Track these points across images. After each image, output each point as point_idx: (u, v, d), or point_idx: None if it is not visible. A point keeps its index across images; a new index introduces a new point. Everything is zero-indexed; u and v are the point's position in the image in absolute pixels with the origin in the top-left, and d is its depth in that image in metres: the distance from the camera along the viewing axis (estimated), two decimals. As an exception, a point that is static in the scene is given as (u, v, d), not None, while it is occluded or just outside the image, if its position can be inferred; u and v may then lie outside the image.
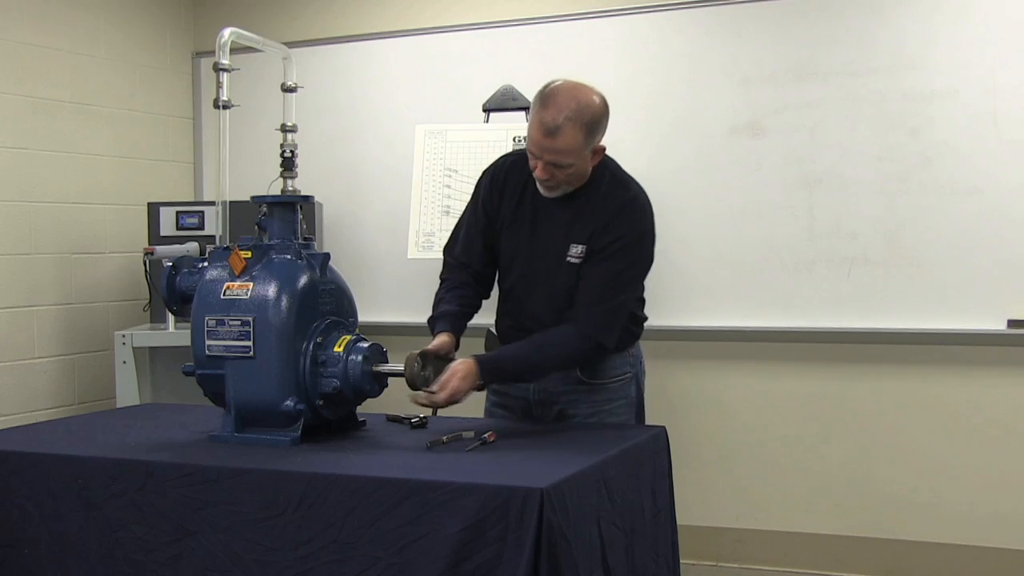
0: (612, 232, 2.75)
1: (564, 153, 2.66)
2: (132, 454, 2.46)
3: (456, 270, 2.95)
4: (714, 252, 4.37)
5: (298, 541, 2.19)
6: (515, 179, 2.87)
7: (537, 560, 2.01)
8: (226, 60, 3.53)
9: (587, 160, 2.73)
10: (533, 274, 2.85)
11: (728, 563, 4.43)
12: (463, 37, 4.77)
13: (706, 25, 4.41)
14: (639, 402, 2.99)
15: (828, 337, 4.25)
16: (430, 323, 2.85)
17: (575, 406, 2.89)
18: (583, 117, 2.65)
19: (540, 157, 2.69)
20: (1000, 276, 4.00)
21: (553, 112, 2.64)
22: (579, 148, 2.67)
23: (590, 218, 2.77)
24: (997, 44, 4.00)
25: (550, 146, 2.65)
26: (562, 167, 2.69)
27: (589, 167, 2.76)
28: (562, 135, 2.64)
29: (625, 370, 2.93)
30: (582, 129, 2.65)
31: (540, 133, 2.66)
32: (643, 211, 2.83)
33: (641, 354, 3.03)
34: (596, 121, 2.70)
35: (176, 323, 4.33)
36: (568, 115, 2.63)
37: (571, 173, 2.72)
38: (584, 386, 2.88)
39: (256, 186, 2.80)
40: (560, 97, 2.66)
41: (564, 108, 2.64)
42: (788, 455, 4.35)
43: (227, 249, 2.67)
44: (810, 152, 4.24)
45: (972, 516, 4.10)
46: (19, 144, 4.50)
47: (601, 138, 2.75)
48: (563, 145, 2.65)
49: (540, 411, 2.93)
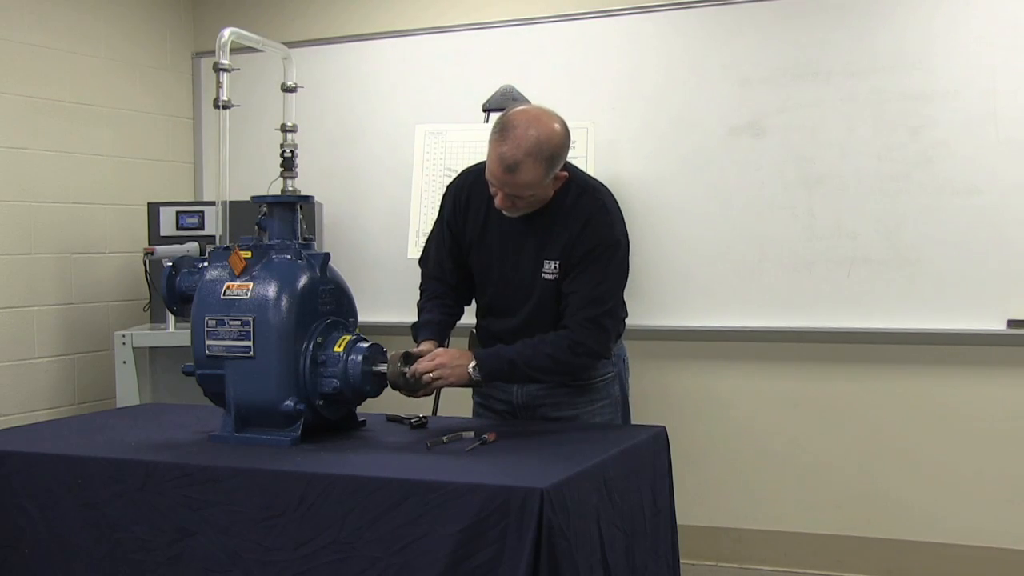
0: (584, 244, 2.70)
1: (524, 187, 2.61)
2: (132, 454, 2.46)
3: (431, 281, 2.95)
4: (714, 252, 4.37)
5: (298, 541, 2.19)
6: (478, 197, 2.82)
7: (537, 560, 2.01)
8: (226, 60, 3.53)
9: (547, 187, 2.68)
10: (509, 291, 2.83)
11: (728, 563, 4.43)
12: (463, 37, 4.78)
13: (706, 25, 4.42)
14: (623, 401, 2.97)
15: (828, 337, 4.25)
16: (413, 332, 2.84)
17: (559, 408, 2.87)
18: (543, 152, 2.58)
19: (500, 189, 2.65)
20: (1000, 276, 4.00)
21: (511, 147, 2.57)
22: (539, 181, 2.62)
23: (561, 231, 2.72)
24: (997, 44, 4.00)
25: (510, 181, 2.60)
26: (522, 197, 2.66)
27: (549, 192, 2.71)
28: (521, 171, 2.58)
29: (607, 370, 2.91)
30: (542, 164, 2.59)
31: (499, 168, 2.59)
32: (611, 218, 2.76)
33: (624, 353, 3.02)
34: (556, 154, 2.62)
35: (176, 323, 4.33)
36: (527, 150, 2.56)
37: (531, 199, 2.67)
38: (566, 388, 2.86)
39: (256, 186, 2.80)
40: (518, 130, 2.58)
41: (523, 143, 2.56)
42: (788, 455, 4.35)
43: (227, 249, 2.67)
44: (810, 152, 4.24)
45: (972, 516, 4.10)
46: (19, 144, 4.51)
47: (561, 165, 2.68)
48: (523, 181, 2.59)
49: (524, 414, 2.91)
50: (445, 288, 2.92)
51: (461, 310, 2.96)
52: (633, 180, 2.89)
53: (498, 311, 2.88)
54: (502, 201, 2.67)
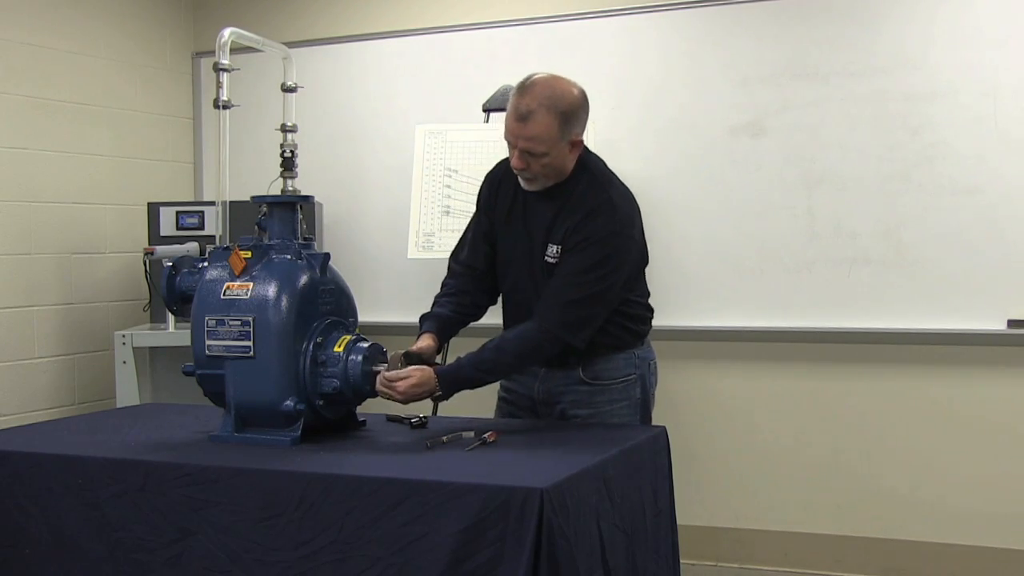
0: (580, 232, 2.72)
1: (537, 140, 2.65)
2: (132, 454, 2.46)
3: (458, 276, 2.96)
4: (714, 252, 4.37)
5: (298, 541, 2.19)
6: (508, 182, 2.88)
7: (537, 560, 2.01)
8: (226, 60, 3.53)
9: (563, 152, 2.70)
10: (523, 276, 2.85)
11: (728, 563, 4.43)
12: (463, 37, 4.77)
13: (706, 25, 4.41)
14: (644, 405, 2.95)
15: (828, 337, 4.25)
16: (420, 321, 2.86)
17: (576, 407, 2.88)
18: (557, 105, 2.65)
19: (515, 145, 2.69)
20: (1000, 276, 4.00)
21: (528, 99, 2.66)
22: (552, 136, 2.65)
23: (566, 217, 2.74)
24: (997, 44, 4.00)
25: (523, 132, 2.66)
26: (536, 156, 2.68)
27: (567, 160, 2.74)
28: (534, 120, 2.64)
29: (629, 372, 2.90)
30: (556, 117, 2.64)
31: (513, 119, 2.67)
32: (616, 212, 2.75)
33: (651, 357, 3.00)
34: (572, 111, 2.68)
35: (176, 323, 4.33)
36: (542, 101, 2.64)
37: (546, 164, 2.70)
38: (586, 386, 2.87)
39: (256, 186, 2.80)
40: (536, 86, 2.68)
41: (539, 95, 2.66)
42: (788, 455, 4.35)
43: (227, 249, 2.67)
44: (810, 152, 4.24)
45: (972, 516, 4.10)
46: (19, 144, 4.50)
47: (579, 131, 2.73)
48: (535, 131, 2.64)
49: (544, 409, 2.92)
50: (468, 283, 2.93)
51: (476, 312, 2.96)
52: (633, 180, 2.89)
53: (515, 298, 2.90)
54: (517, 159, 2.70)
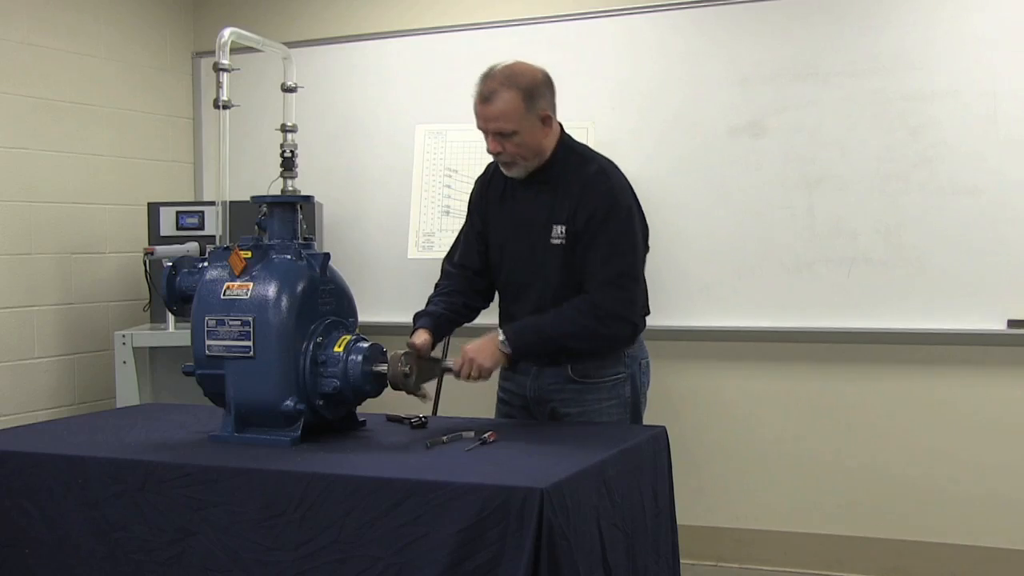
0: (586, 209, 2.78)
1: (503, 118, 2.74)
2: (132, 454, 2.46)
3: (451, 276, 3.01)
4: (714, 252, 4.37)
5: (298, 541, 2.19)
6: (499, 178, 2.96)
7: (537, 560, 2.01)
8: (226, 60, 3.53)
9: (534, 128, 2.78)
10: (521, 265, 2.89)
11: (728, 563, 4.43)
12: (463, 37, 4.77)
13: (706, 25, 4.41)
14: (634, 404, 2.97)
15: (828, 337, 4.25)
16: (413, 320, 2.90)
17: (566, 405, 2.91)
18: (518, 83, 2.75)
19: (486, 129, 2.78)
20: (1000, 276, 4.00)
21: (489, 83, 2.76)
22: (518, 111, 2.74)
23: (564, 198, 2.81)
24: (997, 44, 4.00)
25: (488, 113, 2.75)
26: (507, 135, 2.75)
27: (540, 138, 2.80)
28: (497, 99, 2.74)
29: (618, 370, 2.93)
30: (518, 93, 2.74)
31: (479, 104, 2.77)
32: (610, 181, 2.84)
33: (643, 356, 3.02)
34: (533, 86, 2.77)
35: (176, 323, 4.33)
36: (502, 82, 2.75)
37: (519, 143, 2.77)
38: (575, 384, 2.90)
39: (256, 186, 2.80)
40: (496, 71, 2.79)
41: (498, 77, 2.76)
42: (788, 455, 4.35)
43: (227, 249, 2.67)
44: (810, 152, 4.24)
45: (972, 516, 4.10)
46: (19, 144, 4.50)
47: (545, 106, 2.80)
48: (499, 108, 2.73)
49: (537, 409, 2.96)
50: (461, 284, 2.99)
51: (472, 312, 3.02)
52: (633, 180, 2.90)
53: (513, 289, 2.94)
54: (491, 144, 2.79)
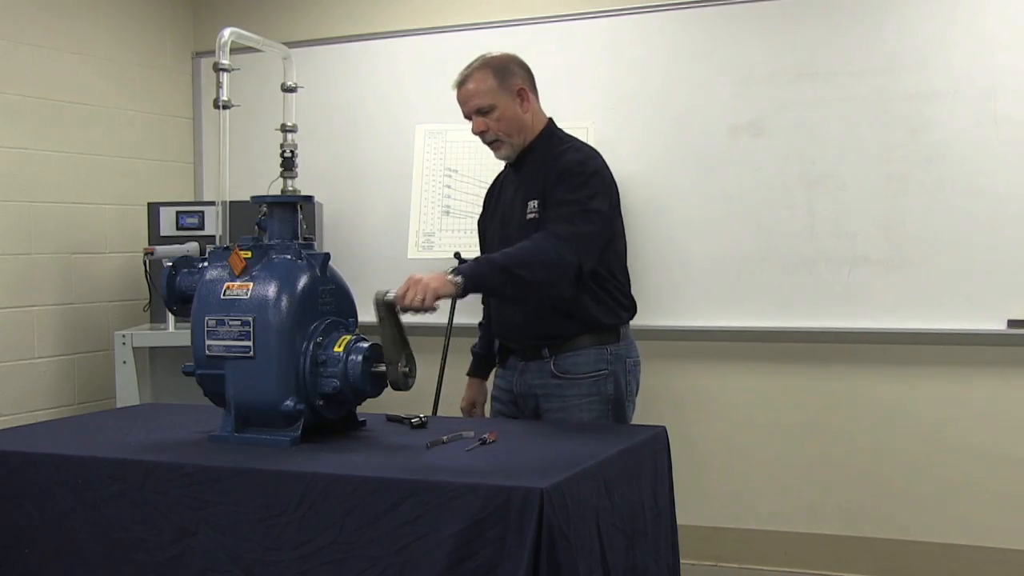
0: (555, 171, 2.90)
1: (479, 94, 2.93)
2: (132, 454, 2.46)
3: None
4: (714, 252, 4.37)
5: (298, 541, 2.19)
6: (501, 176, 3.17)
7: (537, 560, 2.01)
8: (226, 60, 3.52)
9: (511, 103, 2.94)
10: (502, 243, 2.93)
11: (728, 563, 4.43)
12: (463, 37, 4.77)
13: (706, 25, 4.41)
14: (617, 402, 2.99)
15: (828, 337, 4.25)
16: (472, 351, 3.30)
17: (548, 400, 2.97)
18: (488, 63, 2.96)
19: (466, 110, 2.97)
20: (1000, 276, 4.00)
21: (462, 72, 2.98)
22: (491, 86, 2.93)
23: (539, 175, 2.92)
24: (997, 44, 4.00)
25: (465, 95, 2.95)
26: (486, 112, 2.93)
27: (519, 113, 2.96)
28: (471, 79, 2.94)
29: (600, 367, 2.96)
30: (489, 70, 2.94)
31: (456, 90, 2.98)
32: (579, 153, 2.96)
33: (629, 354, 3.04)
34: (502, 64, 2.97)
35: (176, 323, 4.33)
36: (473, 65, 2.97)
37: (500, 118, 2.93)
38: (556, 380, 2.96)
39: (256, 186, 2.80)
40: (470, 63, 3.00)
41: (470, 65, 2.98)
42: (788, 455, 4.35)
43: (227, 249, 2.67)
44: (810, 152, 4.23)
45: (972, 516, 4.10)
46: (19, 144, 4.50)
47: (518, 81, 2.96)
48: (474, 86, 2.93)
49: (522, 403, 3.04)
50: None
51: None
52: (633, 180, 2.90)
53: None
54: (475, 125, 2.97)
